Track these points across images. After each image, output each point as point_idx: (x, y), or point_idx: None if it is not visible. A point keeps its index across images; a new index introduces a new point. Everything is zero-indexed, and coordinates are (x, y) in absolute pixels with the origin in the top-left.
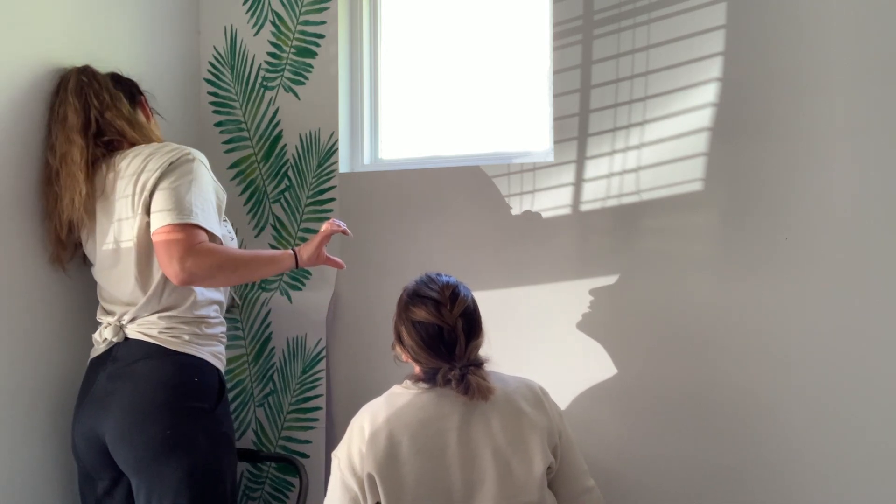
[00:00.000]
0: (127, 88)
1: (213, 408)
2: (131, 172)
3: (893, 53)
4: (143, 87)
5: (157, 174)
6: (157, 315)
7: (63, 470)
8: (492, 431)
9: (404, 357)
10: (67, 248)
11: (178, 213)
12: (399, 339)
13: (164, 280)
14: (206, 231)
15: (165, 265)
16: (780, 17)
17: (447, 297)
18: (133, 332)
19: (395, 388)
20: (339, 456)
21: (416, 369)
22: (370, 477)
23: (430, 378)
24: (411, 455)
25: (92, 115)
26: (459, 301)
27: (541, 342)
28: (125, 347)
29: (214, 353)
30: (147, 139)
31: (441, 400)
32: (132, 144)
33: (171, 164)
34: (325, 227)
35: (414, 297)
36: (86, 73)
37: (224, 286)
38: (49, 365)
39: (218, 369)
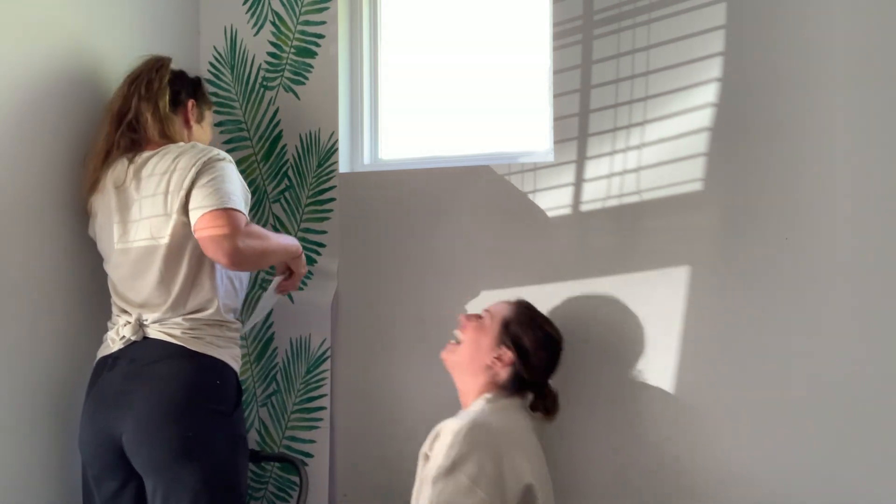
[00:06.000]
0: (180, 87)
1: (231, 411)
2: (161, 171)
3: (894, 53)
4: None
5: (192, 172)
6: (182, 317)
7: (67, 469)
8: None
9: (504, 361)
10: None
11: (220, 201)
12: (514, 342)
13: (190, 282)
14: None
15: (216, 248)
16: (780, 17)
17: None
18: (155, 331)
19: (495, 402)
20: (467, 472)
21: (499, 378)
22: (528, 489)
23: (515, 387)
24: (536, 456)
25: (133, 103)
26: None
27: None
28: (144, 347)
29: (233, 356)
30: (169, 139)
31: (523, 407)
32: (151, 141)
33: (205, 162)
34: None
35: (538, 312)
36: (158, 62)
37: (263, 268)
38: (53, 363)
39: (235, 372)
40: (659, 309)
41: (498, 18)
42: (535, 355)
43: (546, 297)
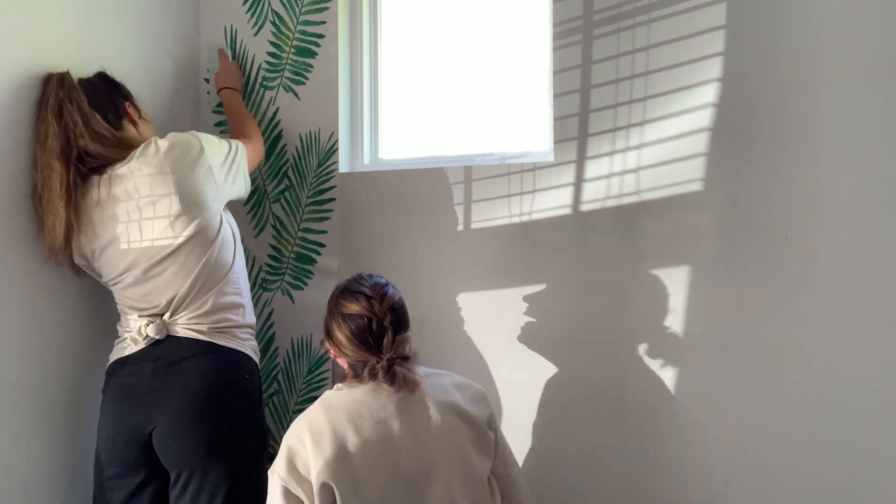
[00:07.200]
0: (107, 100)
1: (259, 403)
2: (151, 172)
3: (894, 53)
4: (139, 86)
5: (206, 166)
6: (205, 305)
7: (74, 472)
8: (431, 417)
9: (332, 353)
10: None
11: (237, 146)
12: (329, 334)
13: (205, 269)
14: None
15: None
16: (780, 17)
17: (377, 293)
18: (180, 328)
19: (328, 393)
20: (278, 471)
21: (345, 368)
22: (324, 486)
23: (358, 373)
24: (359, 447)
25: (71, 139)
26: (388, 297)
27: (540, 342)
28: (170, 345)
29: (253, 349)
30: (130, 148)
31: (375, 392)
32: (114, 159)
33: (200, 147)
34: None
35: (345, 292)
36: (63, 86)
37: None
38: (60, 366)
39: (257, 365)
40: (658, 309)
41: (498, 18)
42: (342, 335)
43: (546, 297)
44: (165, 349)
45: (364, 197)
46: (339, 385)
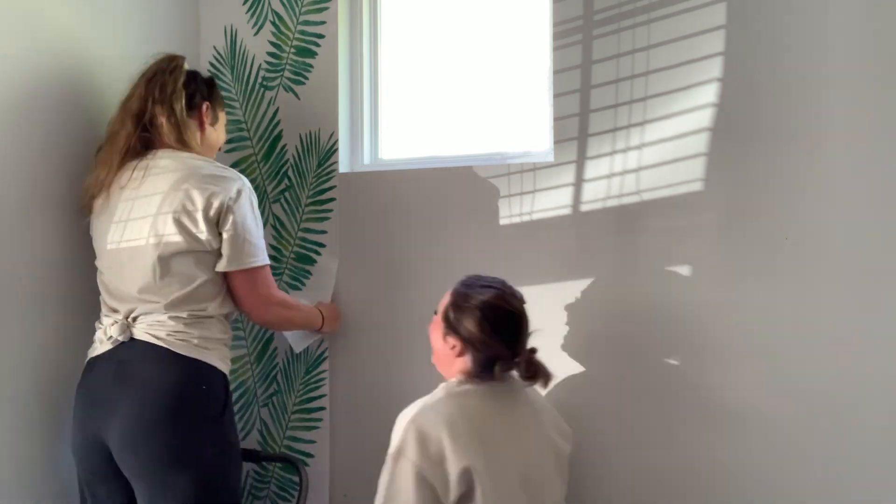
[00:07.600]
0: (195, 90)
1: (219, 415)
2: (175, 178)
3: (894, 53)
4: None
5: (218, 200)
6: (168, 315)
7: (63, 470)
8: (544, 435)
9: (457, 350)
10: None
11: (253, 256)
12: (455, 330)
13: (207, 284)
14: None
15: (249, 310)
16: (780, 17)
17: (509, 288)
18: (140, 332)
19: (452, 387)
20: (410, 456)
21: (466, 365)
22: (465, 471)
23: (484, 370)
24: (493, 443)
25: (148, 104)
26: (518, 294)
27: (540, 342)
28: (131, 348)
29: (221, 357)
30: (185, 144)
31: (502, 396)
32: (165, 144)
33: (237, 193)
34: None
35: (475, 287)
36: (171, 62)
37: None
38: (47, 364)
39: (224, 374)
40: (658, 309)
41: (498, 18)
42: (482, 332)
43: (546, 298)
44: (126, 352)
45: (364, 197)
46: (462, 378)
